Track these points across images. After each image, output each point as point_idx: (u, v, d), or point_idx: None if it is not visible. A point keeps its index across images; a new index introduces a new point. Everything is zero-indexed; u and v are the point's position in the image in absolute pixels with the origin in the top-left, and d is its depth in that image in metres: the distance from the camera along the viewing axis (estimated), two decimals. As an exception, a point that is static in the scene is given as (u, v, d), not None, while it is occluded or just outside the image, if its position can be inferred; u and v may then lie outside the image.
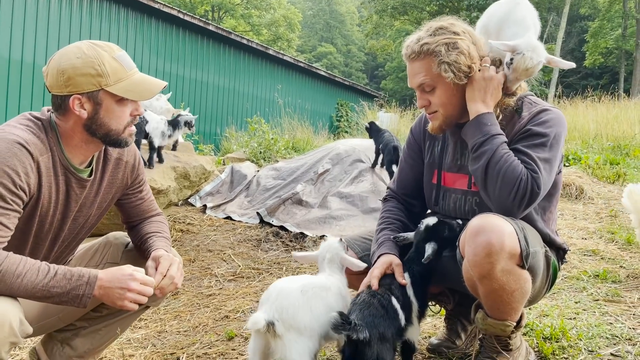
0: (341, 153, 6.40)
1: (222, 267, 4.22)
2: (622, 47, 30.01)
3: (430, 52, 1.94)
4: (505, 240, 1.76)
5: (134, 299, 1.78)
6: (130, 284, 1.76)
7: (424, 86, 2.01)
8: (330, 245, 2.13)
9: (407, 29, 32.46)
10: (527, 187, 1.81)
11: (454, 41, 1.94)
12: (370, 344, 1.69)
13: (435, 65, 1.94)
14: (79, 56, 1.77)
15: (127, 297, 1.77)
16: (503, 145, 1.89)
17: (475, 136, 1.93)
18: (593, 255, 3.71)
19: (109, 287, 1.75)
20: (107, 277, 1.76)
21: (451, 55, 1.92)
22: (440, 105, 2.02)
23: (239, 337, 2.82)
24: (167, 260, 1.95)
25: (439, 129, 2.08)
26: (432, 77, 1.97)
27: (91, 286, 1.72)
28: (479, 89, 1.95)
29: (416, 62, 2.00)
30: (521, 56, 1.90)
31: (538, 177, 1.83)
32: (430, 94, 2.02)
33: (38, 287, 1.65)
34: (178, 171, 5.25)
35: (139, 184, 2.21)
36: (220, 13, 34.96)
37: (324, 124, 14.09)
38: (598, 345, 2.30)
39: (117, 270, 1.80)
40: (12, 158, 1.68)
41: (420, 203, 2.32)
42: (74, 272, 1.72)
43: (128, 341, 2.87)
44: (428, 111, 2.07)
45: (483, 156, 1.88)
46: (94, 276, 1.74)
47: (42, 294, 1.67)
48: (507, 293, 1.83)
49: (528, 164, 1.85)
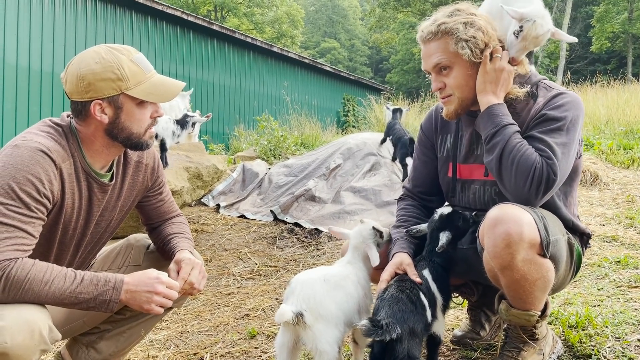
0: (352, 147, 6.39)
1: (239, 265, 4.22)
2: (629, 31, 29.69)
3: (447, 30, 1.93)
4: (525, 230, 1.74)
5: (161, 303, 1.79)
6: (157, 287, 1.77)
7: (440, 66, 1.98)
8: (360, 232, 2.12)
9: (410, 21, 32.36)
10: (542, 174, 1.79)
11: (471, 20, 1.93)
12: (402, 340, 1.68)
13: (453, 43, 1.92)
14: (97, 61, 1.77)
15: (154, 301, 1.77)
16: (515, 135, 1.86)
17: (487, 128, 1.92)
18: (613, 241, 3.67)
19: (136, 291, 1.75)
20: (134, 281, 1.77)
21: (469, 32, 1.91)
22: (456, 87, 1.99)
23: (261, 335, 2.82)
24: (188, 264, 1.96)
25: (455, 114, 2.04)
26: (448, 57, 1.95)
27: (118, 291, 1.73)
28: (490, 80, 1.93)
29: (432, 43, 1.97)
30: (531, 23, 1.87)
31: (553, 163, 1.80)
32: (445, 76, 1.99)
33: (65, 293, 1.66)
34: (191, 171, 5.27)
35: (158, 185, 2.21)
36: (223, 12, 34.93)
37: (332, 119, 14.09)
38: (625, 331, 2.28)
39: (143, 274, 1.81)
40: (35, 166, 1.69)
41: (438, 199, 2.30)
42: (100, 278, 1.73)
43: (151, 342, 2.88)
44: (443, 94, 2.03)
45: (496, 147, 1.87)
46: (120, 281, 1.75)
47: (70, 301, 1.68)
48: (529, 283, 1.82)
49: (543, 151, 1.82)
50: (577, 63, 31.89)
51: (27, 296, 1.62)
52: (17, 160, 1.67)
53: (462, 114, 2.07)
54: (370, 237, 2.10)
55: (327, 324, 1.81)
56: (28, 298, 1.62)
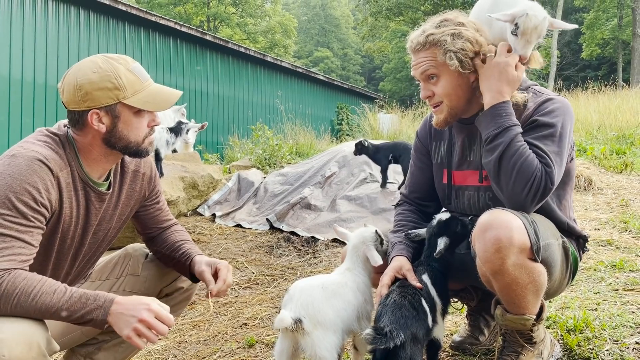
0: (347, 155, 6.40)
1: (236, 275, 4.21)
2: (619, 37, 30.00)
3: (435, 42, 1.94)
4: (514, 234, 1.75)
5: (142, 332, 1.62)
6: (142, 313, 1.62)
7: (428, 74, 1.99)
8: (361, 233, 2.13)
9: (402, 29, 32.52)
10: (541, 182, 1.80)
11: (459, 31, 1.94)
12: (404, 346, 1.68)
13: (441, 54, 1.93)
14: (95, 70, 1.77)
15: (135, 328, 1.61)
16: (518, 137, 1.85)
17: (488, 128, 1.90)
18: (608, 245, 3.70)
19: (121, 313, 1.64)
20: (124, 303, 1.65)
21: (457, 44, 1.92)
22: (444, 96, 2.00)
23: (259, 343, 2.81)
24: (226, 267, 2.03)
25: (444, 122, 2.06)
26: (436, 66, 1.96)
27: (105, 311, 1.63)
28: (491, 76, 1.92)
29: (421, 52, 1.99)
30: (525, 16, 1.86)
31: (551, 171, 1.81)
32: (434, 84, 2.01)
33: (52, 309, 1.61)
34: (186, 181, 5.27)
35: (155, 195, 2.21)
36: (215, 23, 35.05)
37: (326, 128, 14.12)
38: (622, 334, 2.29)
39: (137, 297, 1.69)
40: (32, 175, 1.68)
41: (435, 204, 2.31)
42: (90, 296, 1.65)
43: (149, 353, 2.86)
44: (432, 102, 2.05)
45: (497, 149, 1.86)
46: (109, 300, 1.64)
47: (57, 316, 1.62)
48: (520, 287, 1.82)
49: (542, 158, 1.83)
50: (568, 70, 32.16)
51: (17, 310, 1.59)
52: (14, 170, 1.66)
53: (452, 122, 2.08)
54: (372, 239, 2.10)
55: (326, 330, 1.81)
56: (18, 312, 1.59)
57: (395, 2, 28.30)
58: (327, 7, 58.16)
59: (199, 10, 34.12)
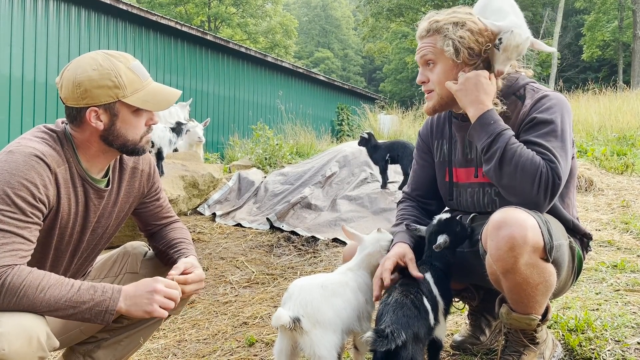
0: (348, 155, 6.40)
1: (236, 274, 4.20)
2: (619, 39, 29.98)
3: (438, 29, 2.00)
4: (529, 233, 1.73)
5: (162, 302, 1.74)
6: (156, 285, 1.74)
7: (426, 59, 2.04)
8: (378, 240, 2.11)
9: (403, 30, 32.60)
10: (548, 177, 1.79)
11: (463, 21, 1.98)
12: (406, 346, 1.67)
13: (440, 40, 1.98)
14: (94, 68, 1.76)
15: (156, 300, 1.73)
16: (512, 140, 1.86)
17: (481, 138, 1.91)
18: (609, 246, 3.69)
19: (135, 295, 1.73)
20: (132, 288, 1.75)
21: (457, 32, 1.96)
22: (437, 83, 2.03)
23: (259, 342, 2.80)
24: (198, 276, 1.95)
25: (432, 110, 2.11)
26: (434, 52, 2.01)
27: (115, 301, 1.69)
28: (467, 90, 1.95)
29: (425, 39, 2.05)
30: (510, 33, 1.91)
31: (556, 166, 1.80)
32: (430, 70, 2.05)
33: (61, 301, 1.62)
34: (187, 180, 5.26)
35: (155, 191, 2.20)
36: (216, 23, 35.05)
37: (326, 128, 14.13)
38: (624, 334, 2.28)
39: (140, 281, 1.79)
40: (30, 171, 1.67)
41: (437, 202, 2.31)
42: (97, 287, 1.70)
43: (148, 352, 2.85)
44: (425, 88, 2.09)
45: (495, 155, 1.86)
46: (117, 290, 1.72)
47: (66, 309, 1.64)
48: (531, 287, 1.81)
49: (544, 154, 1.82)
50: (568, 71, 32.14)
51: (22, 303, 1.59)
52: (12, 166, 1.66)
53: (440, 111, 2.15)
54: (388, 248, 2.09)
55: (325, 329, 1.79)
56: (23, 305, 1.59)
57: (396, 3, 28.32)
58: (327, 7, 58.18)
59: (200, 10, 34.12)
